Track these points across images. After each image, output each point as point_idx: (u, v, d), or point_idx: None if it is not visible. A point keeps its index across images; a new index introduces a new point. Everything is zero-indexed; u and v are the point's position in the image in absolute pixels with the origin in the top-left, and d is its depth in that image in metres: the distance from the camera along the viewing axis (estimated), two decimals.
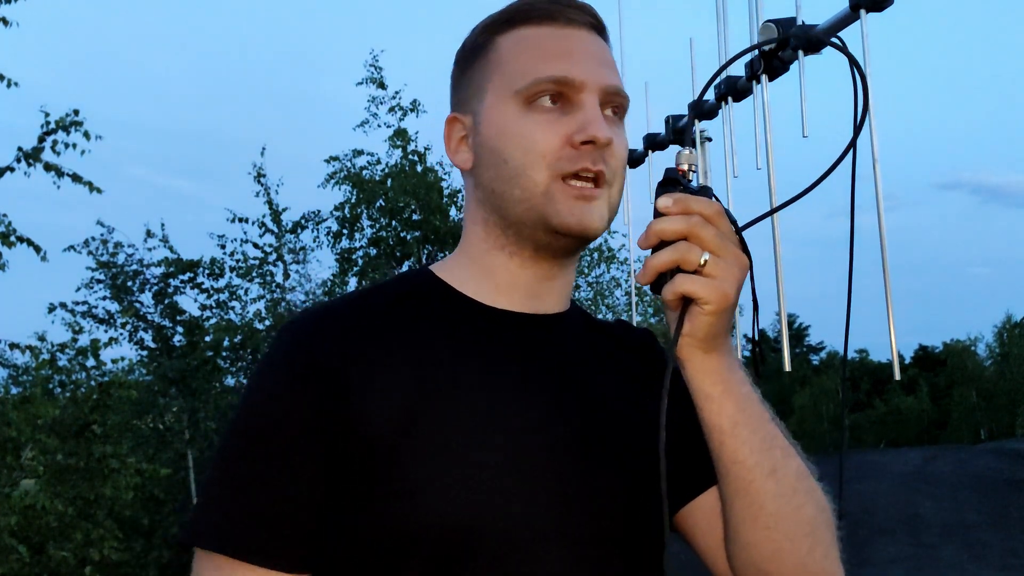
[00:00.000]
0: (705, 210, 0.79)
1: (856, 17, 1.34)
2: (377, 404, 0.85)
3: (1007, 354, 36.49)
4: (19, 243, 5.49)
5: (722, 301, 0.79)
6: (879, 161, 1.30)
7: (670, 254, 0.79)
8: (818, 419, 34.49)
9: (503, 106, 0.93)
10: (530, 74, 0.91)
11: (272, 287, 10.79)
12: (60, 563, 5.99)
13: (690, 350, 0.83)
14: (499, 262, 0.96)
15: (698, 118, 1.98)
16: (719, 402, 0.84)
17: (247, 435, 0.89)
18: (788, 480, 0.86)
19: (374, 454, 0.84)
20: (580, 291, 11.73)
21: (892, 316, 1.27)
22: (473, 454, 0.85)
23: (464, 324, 0.94)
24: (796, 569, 0.87)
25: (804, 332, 42.97)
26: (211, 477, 0.89)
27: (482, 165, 0.95)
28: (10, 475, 5.88)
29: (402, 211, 10.30)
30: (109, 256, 10.66)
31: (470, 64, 0.98)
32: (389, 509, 0.83)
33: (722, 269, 0.79)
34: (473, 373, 0.90)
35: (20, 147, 5.66)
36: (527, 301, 0.97)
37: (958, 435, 35.66)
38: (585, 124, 0.89)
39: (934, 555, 9.89)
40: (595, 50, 0.95)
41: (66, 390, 7.68)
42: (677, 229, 0.79)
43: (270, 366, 0.91)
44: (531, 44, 0.93)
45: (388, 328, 0.91)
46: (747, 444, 0.84)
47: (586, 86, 0.91)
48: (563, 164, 0.90)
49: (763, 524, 0.86)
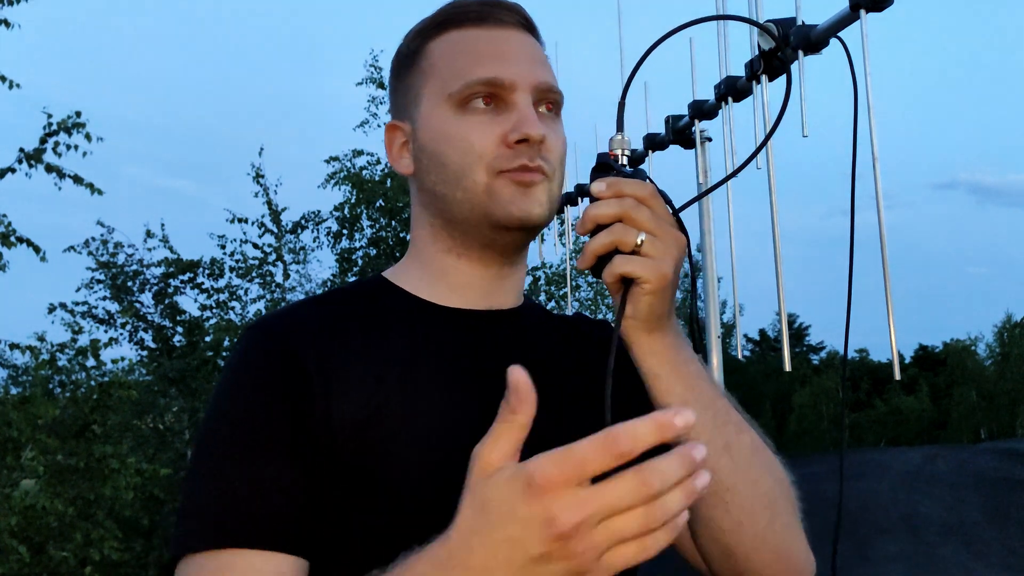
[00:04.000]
0: (638, 192, 0.81)
1: (856, 17, 1.35)
2: (339, 405, 0.86)
3: (1007, 354, 36.55)
4: (19, 243, 5.49)
5: (660, 280, 0.81)
6: (879, 160, 1.30)
7: (606, 236, 0.81)
8: (818, 419, 34.51)
9: (438, 110, 0.94)
10: (462, 77, 0.92)
11: (272, 287, 10.79)
12: (60, 563, 5.99)
13: (634, 331, 0.85)
14: (449, 263, 0.97)
15: (698, 118, 1.98)
16: (667, 381, 0.86)
17: (223, 438, 0.87)
18: (743, 454, 0.87)
19: (337, 455, 0.85)
20: (580, 291, 11.75)
21: (892, 316, 1.27)
22: (435, 452, 0.86)
23: (421, 324, 0.95)
24: (756, 541, 0.88)
25: (804, 332, 42.95)
26: (189, 489, 0.87)
27: (423, 170, 0.96)
28: (10, 475, 5.88)
29: (402, 211, 10.31)
30: (109, 256, 10.67)
31: (405, 71, 0.99)
32: (354, 509, 0.84)
33: (659, 249, 0.81)
34: (433, 371, 0.91)
35: (22, 148, 5.67)
36: (481, 299, 0.98)
37: (958, 435, 35.71)
38: (518, 123, 0.90)
39: (934, 554, 9.90)
40: (526, 49, 0.96)
41: (66, 390, 7.68)
42: (612, 212, 0.81)
43: (235, 369, 0.90)
44: (462, 47, 0.94)
45: (348, 330, 0.92)
46: (699, 422, 0.84)
47: (517, 85, 0.92)
48: (500, 163, 0.91)
49: (720, 499, 0.87)
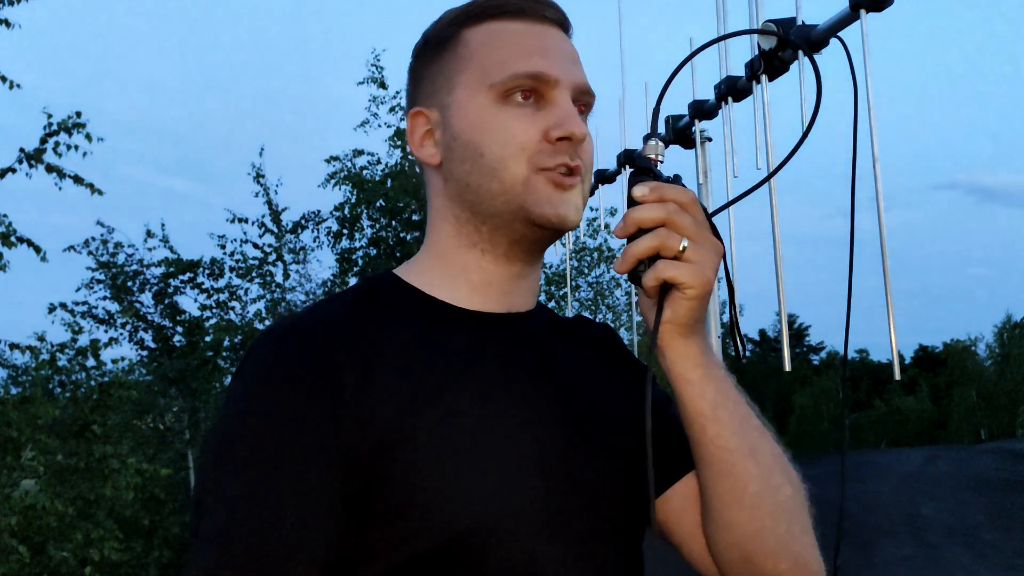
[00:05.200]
0: (680, 197, 0.81)
1: (856, 17, 1.34)
2: (370, 415, 0.83)
3: (1007, 354, 36.52)
4: (19, 243, 5.49)
5: (704, 285, 0.81)
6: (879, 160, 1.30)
7: (651, 240, 0.80)
8: (818, 419, 34.49)
9: (477, 99, 0.91)
10: (507, 68, 0.90)
11: (272, 287, 10.80)
12: (60, 563, 5.99)
13: (671, 336, 0.84)
14: (471, 260, 0.95)
15: (698, 118, 1.98)
16: (700, 386, 0.85)
17: (251, 448, 0.81)
18: (766, 460, 0.88)
19: (369, 467, 0.82)
20: (580, 291, 11.76)
21: (892, 316, 1.27)
22: (465, 463, 0.84)
23: (441, 329, 0.92)
24: (777, 546, 0.88)
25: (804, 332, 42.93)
26: (212, 502, 0.80)
27: (454, 160, 0.93)
28: (10, 475, 5.88)
29: (402, 211, 10.31)
30: (109, 256, 10.69)
31: (435, 57, 0.96)
32: (390, 522, 0.82)
33: (701, 254, 0.81)
34: (460, 378, 0.89)
35: (22, 148, 5.67)
36: (500, 300, 0.96)
37: (958, 435, 35.68)
38: (562, 120, 0.90)
39: (937, 555, 9.89)
40: (566, 48, 0.95)
41: (66, 390, 7.69)
42: (655, 216, 0.80)
43: (263, 375, 0.84)
44: (505, 39, 0.93)
45: (373, 337, 0.88)
46: (728, 427, 0.85)
47: (560, 83, 0.91)
48: (541, 158, 0.90)
49: (746, 504, 0.87)
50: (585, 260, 11.64)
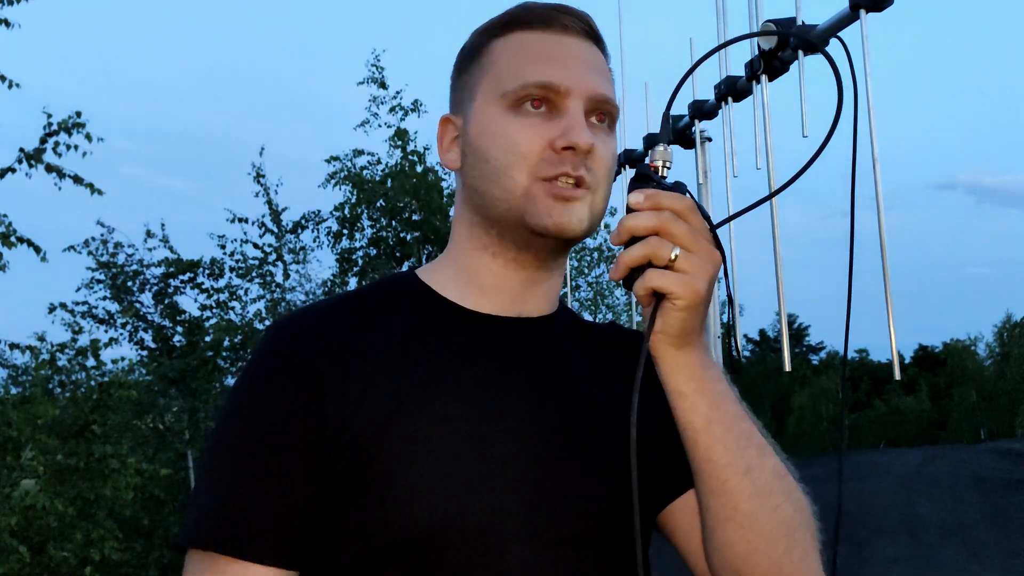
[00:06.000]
0: (676, 205, 0.79)
1: (856, 17, 1.35)
2: (352, 409, 0.87)
3: (1007, 354, 36.52)
4: (19, 243, 5.48)
5: (693, 296, 0.78)
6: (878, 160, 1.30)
7: (641, 249, 0.79)
8: (818, 419, 34.48)
9: (489, 107, 0.93)
10: (519, 78, 0.92)
11: (272, 287, 10.79)
12: (60, 563, 5.99)
13: (662, 346, 0.82)
14: (483, 263, 0.97)
15: (698, 118, 1.98)
16: (692, 399, 0.83)
17: (234, 436, 0.90)
18: (764, 479, 0.85)
19: (349, 458, 0.86)
20: (580, 291, 11.75)
21: (892, 316, 1.27)
22: (443, 460, 0.86)
23: (441, 328, 0.94)
24: (772, 570, 0.85)
25: (804, 332, 42.91)
26: (202, 479, 0.91)
27: (467, 165, 0.96)
28: (10, 475, 5.88)
29: (402, 211, 10.29)
30: (109, 256, 10.68)
31: (466, 67, 0.99)
32: (364, 513, 0.85)
33: (693, 264, 0.78)
34: (448, 377, 0.90)
35: (22, 148, 5.67)
36: (511, 304, 0.97)
37: (958, 435, 35.68)
38: (567, 130, 0.90)
39: (933, 555, 9.90)
40: (587, 57, 0.95)
41: (66, 390, 7.69)
42: (648, 225, 0.79)
43: (254, 368, 0.92)
44: (522, 48, 0.94)
45: (365, 332, 0.92)
46: (721, 442, 0.83)
47: (571, 92, 0.91)
48: (544, 167, 0.90)
49: (738, 524, 0.84)
50: (585, 260, 11.63)
